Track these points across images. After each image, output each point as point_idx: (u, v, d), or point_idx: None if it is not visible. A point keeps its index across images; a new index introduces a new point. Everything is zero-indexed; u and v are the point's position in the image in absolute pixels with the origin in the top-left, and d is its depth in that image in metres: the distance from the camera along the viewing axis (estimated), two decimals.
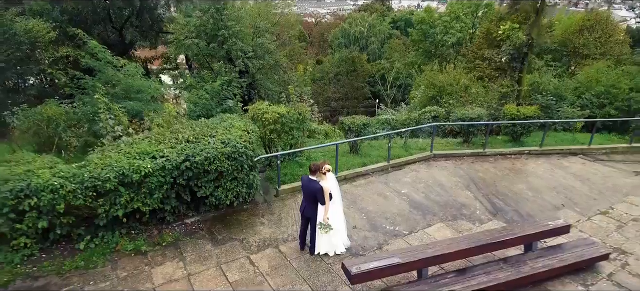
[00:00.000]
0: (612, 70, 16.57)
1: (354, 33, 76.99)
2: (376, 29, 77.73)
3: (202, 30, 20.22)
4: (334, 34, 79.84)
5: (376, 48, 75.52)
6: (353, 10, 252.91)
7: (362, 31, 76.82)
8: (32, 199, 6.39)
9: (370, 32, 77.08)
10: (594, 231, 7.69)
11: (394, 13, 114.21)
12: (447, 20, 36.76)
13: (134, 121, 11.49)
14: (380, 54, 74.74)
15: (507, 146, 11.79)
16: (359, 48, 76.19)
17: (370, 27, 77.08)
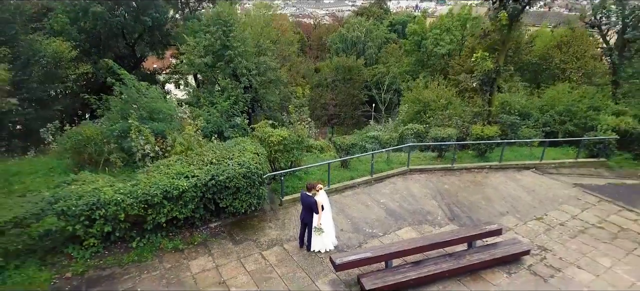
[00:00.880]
0: (573, 91, 18.89)
1: (351, 38, 79.08)
2: (373, 34, 79.81)
3: (210, 50, 22.48)
4: (332, 38, 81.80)
5: (373, 53, 77.62)
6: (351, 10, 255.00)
7: (360, 36, 78.87)
8: (101, 210, 8.68)
9: (367, 37, 79.13)
10: (526, 233, 10.01)
11: (391, 16, 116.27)
12: (438, 32, 39.04)
13: (158, 139, 13.75)
14: (377, 59, 76.97)
15: (473, 161, 14.11)
16: (357, 53, 78.33)
17: (367, 32, 79.14)
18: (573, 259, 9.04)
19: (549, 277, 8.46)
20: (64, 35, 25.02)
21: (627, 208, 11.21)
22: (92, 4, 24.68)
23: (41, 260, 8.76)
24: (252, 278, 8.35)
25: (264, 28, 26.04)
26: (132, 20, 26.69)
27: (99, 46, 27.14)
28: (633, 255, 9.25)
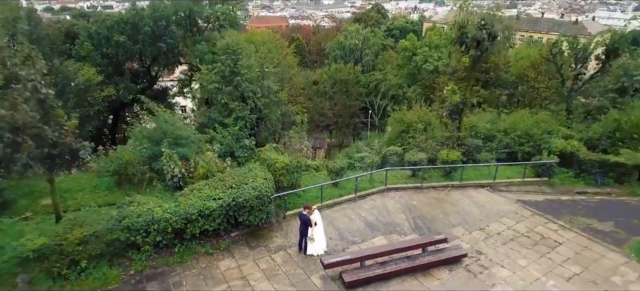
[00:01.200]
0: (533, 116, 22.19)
1: (349, 45, 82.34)
2: (370, 41, 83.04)
3: (221, 76, 25.73)
4: (331, 46, 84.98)
5: (370, 60, 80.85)
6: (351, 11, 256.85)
7: (357, 44, 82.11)
8: (154, 225, 11.99)
9: (364, 44, 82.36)
10: (469, 241, 13.33)
11: (388, 22, 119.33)
12: (426, 50, 42.32)
13: (183, 162, 17.03)
14: (374, 65, 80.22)
15: (440, 180, 17.42)
16: (354, 60, 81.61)
17: (364, 40, 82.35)
18: (499, 260, 12.36)
19: (478, 273, 11.78)
20: (89, 59, 28.40)
21: (552, 221, 14.53)
22: (116, 33, 27.97)
23: (110, 262, 12.08)
24: (265, 274, 11.68)
25: (268, 54, 29.30)
26: (149, 45, 29.99)
27: (119, 69, 30.49)
28: (545, 257, 12.57)
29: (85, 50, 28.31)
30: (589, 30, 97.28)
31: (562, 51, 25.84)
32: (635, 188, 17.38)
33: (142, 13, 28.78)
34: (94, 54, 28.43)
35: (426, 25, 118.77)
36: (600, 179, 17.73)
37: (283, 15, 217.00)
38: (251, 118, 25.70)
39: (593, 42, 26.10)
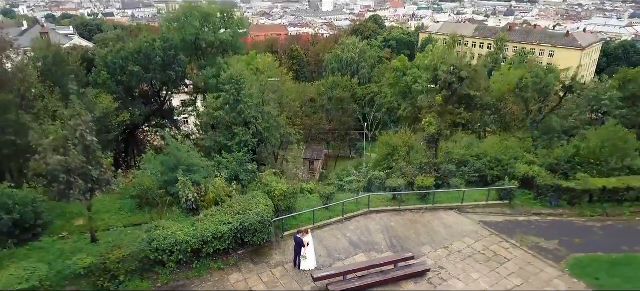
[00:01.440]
0: (502, 142, 25.16)
1: (346, 58, 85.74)
2: (366, 55, 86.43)
3: (225, 104, 28.71)
4: (329, 59, 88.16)
5: (366, 72, 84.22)
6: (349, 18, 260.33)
7: (354, 57, 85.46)
8: (178, 246, 14.91)
9: (361, 57, 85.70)
10: (434, 258, 16.25)
11: (385, 33, 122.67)
12: (416, 71, 45.39)
13: (196, 188, 19.94)
14: (370, 78, 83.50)
15: (416, 203, 20.36)
16: (351, 72, 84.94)
17: (361, 53, 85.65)
18: (457, 274, 15.29)
19: (438, 285, 14.71)
20: (105, 87, 31.40)
21: (506, 240, 17.48)
22: (130, 64, 30.98)
23: (141, 276, 14.99)
24: (266, 286, 14.61)
25: (268, 80, 32.34)
26: (160, 73, 33.00)
27: (132, 94, 33.51)
28: (495, 271, 15.50)
29: (102, 78, 31.31)
30: (580, 42, 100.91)
31: (526, 86, 28.82)
32: (584, 210, 20.33)
33: (154, 44, 31.77)
34: (109, 82, 31.42)
35: (422, 36, 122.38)
36: (555, 202, 20.67)
37: (282, 24, 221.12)
38: (253, 141, 28.71)
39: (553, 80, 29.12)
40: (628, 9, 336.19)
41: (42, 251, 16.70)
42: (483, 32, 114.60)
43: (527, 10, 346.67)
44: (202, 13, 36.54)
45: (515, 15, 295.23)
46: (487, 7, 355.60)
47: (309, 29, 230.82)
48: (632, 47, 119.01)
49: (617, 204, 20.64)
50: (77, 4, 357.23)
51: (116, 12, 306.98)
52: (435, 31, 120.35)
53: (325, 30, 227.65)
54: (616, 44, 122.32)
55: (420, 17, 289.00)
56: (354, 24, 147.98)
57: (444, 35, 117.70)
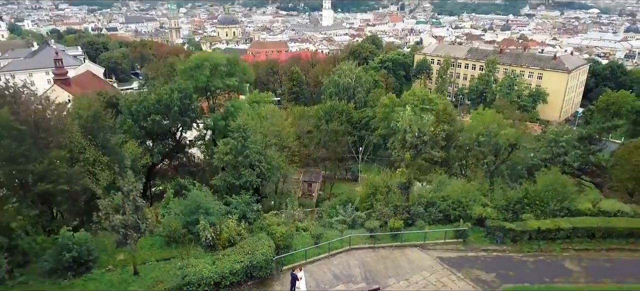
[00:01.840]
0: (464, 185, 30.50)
1: (343, 84, 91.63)
2: (362, 79, 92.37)
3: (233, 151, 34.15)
4: (326, 84, 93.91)
5: (362, 97, 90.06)
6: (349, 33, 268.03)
7: (350, 82, 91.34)
8: (203, 280, 20.23)
9: (357, 82, 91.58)
10: (397, 288, 21.52)
11: (382, 54, 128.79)
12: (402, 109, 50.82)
13: (212, 228, 25.27)
14: (366, 102, 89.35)
15: (389, 241, 25.63)
16: (348, 97, 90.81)
17: (357, 79, 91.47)
18: None
19: None
20: (129, 132, 36.94)
21: (454, 273, 22.75)
22: (152, 113, 36.50)
23: None
24: None
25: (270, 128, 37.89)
26: (177, 119, 38.55)
27: (152, 137, 39.05)
28: None
29: (128, 125, 36.87)
30: (566, 66, 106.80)
31: (482, 142, 34.25)
32: (523, 247, 25.62)
33: (172, 95, 37.34)
34: (133, 128, 36.97)
35: (417, 57, 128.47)
36: (500, 239, 25.97)
37: (282, 40, 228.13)
38: (257, 180, 34.18)
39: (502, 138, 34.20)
40: (624, 22, 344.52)
41: (95, 282, 22.11)
42: (475, 54, 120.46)
43: (524, 23, 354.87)
44: (212, 63, 42.27)
45: (512, 30, 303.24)
46: (485, 20, 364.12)
47: (309, 44, 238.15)
48: (619, 68, 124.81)
49: (551, 242, 25.93)
50: (80, 18, 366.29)
51: (119, 26, 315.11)
52: (430, 52, 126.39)
53: (325, 45, 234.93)
54: (604, 64, 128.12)
55: (419, 32, 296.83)
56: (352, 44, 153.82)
57: (438, 56, 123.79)
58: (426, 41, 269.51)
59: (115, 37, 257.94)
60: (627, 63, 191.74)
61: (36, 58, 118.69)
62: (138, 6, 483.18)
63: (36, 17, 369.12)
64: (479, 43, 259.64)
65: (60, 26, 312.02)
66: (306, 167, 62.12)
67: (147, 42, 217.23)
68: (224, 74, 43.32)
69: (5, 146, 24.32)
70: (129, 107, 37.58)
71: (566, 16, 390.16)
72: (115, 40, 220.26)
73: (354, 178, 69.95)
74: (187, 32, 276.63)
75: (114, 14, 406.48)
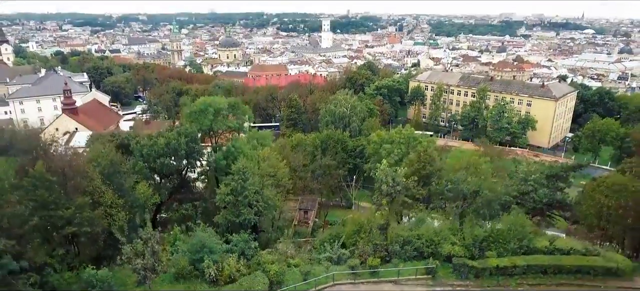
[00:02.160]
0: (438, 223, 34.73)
1: (338, 113, 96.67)
2: (357, 109, 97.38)
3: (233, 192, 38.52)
4: (323, 113, 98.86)
5: (357, 126, 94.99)
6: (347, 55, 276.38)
7: (345, 112, 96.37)
8: None
9: (352, 112, 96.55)
10: None
11: (377, 80, 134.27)
12: (389, 146, 55.49)
13: (215, 265, 29.46)
14: (360, 130, 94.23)
15: (367, 278, 29.76)
16: (343, 125, 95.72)
17: (352, 108, 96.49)
18: None
19: None
20: (141, 173, 41.41)
21: None
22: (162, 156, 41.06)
23: None
24: None
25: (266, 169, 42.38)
26: (183, 160, 43.11)
27: (162, 177, 43.53)
28: None
29: (139, 167, 41.38)
30: (554, 94, 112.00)
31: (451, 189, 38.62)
32: (484, 282, 29.73)
33: (180, 140, 41.95)
34: (145, 171, 41.47)
35: (412, 84, 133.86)
36: (464, 275, 30.11)
37: (282, 63, 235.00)
38: (255, 218, 38.52)
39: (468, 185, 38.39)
40: (618, 43, 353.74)
41: None
42: (467, 81, 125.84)
43: (520, 44, 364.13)
44: (215, 107, 47.07)
45: (508, 51, 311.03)
46: (482, 41, 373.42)
47: (308, 66, 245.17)
48: (607, 94, 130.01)
49: (509, 277, 30.06)
50: (84, 40, 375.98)
51: (122, 48, 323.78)
52: (424, 80, 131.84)
53: (323, 67, 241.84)
54: (592, 91, 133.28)
55: (416, 53, 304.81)
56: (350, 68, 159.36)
57: (431, 83, 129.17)
58: (423, 63, 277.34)
59: (118, 59, 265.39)
60: (619, 85, 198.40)
61: (43, 85, 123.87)
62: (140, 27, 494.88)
63: (40, 38, 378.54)
64: (475, 64, 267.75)
65: (64, 48, 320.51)
66: (303, 194, 66.34)
67: (150, 65, 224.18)
68: (226, 117, 48.09)
69: (39, 195, 28.81)
70: (141, 150, 42.16)
71: (562, 37, 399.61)
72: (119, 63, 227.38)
73: (348, 205, 74.17)
74: (189, 53, 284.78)
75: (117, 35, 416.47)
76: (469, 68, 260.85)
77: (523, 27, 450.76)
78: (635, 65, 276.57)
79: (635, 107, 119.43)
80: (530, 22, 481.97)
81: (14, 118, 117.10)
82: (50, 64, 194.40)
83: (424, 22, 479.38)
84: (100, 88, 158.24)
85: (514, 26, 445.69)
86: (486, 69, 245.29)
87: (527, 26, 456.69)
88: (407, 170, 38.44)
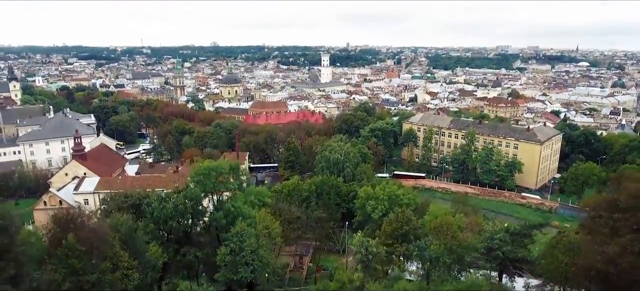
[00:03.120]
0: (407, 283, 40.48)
1: (333, 159, 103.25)
2: (350, 155, 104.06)
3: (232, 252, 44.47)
4: (318, 159, 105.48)
5: (350, 170, 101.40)
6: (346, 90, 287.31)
7: (339, 158, 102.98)
8: None
9: (345, 158, 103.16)
10: None
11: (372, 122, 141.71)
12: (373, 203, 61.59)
13: None
14: (354, 175, 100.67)
15: None
16: (337, 171, 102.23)
17: (345, 154, 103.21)
18: None
19: None
20: (152, 234, 47.55)
21: None
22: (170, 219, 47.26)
23: None
24: None
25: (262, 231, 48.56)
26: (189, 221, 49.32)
27: (169, 236, 49.65)
28: None
29: (150, 228, 47.53)
30: (538, 137, 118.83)
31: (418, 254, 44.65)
32: None
33: (186, 204, 48.25)
34: (154, 231, 47.61)
35: (405, 126, 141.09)
36: None
37: (282, 100, 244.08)
38: (251, 275, 44.39)
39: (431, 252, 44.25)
40: (612, 76, 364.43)
41: None
42: (457, 124, 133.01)
43: (515, 77, 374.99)
44: (217, 171, 53.64)
45: (503, 85, 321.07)
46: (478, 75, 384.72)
47: (307, 102, 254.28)
48: (593, 135, 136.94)
49: None
50: (88, 74, 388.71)
51: (126, 82, 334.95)
52: (416, 122, 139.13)
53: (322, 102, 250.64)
54: (578, 132, 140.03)
55: (414, 88, 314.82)
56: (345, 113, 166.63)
57: (423, 125, 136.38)
58: (420, 98, 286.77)
59: (122, 95, 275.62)
60: (611, 121, 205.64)
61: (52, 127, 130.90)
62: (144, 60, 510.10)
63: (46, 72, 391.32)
64: (471, 99, 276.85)
65: (70, 82, 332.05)
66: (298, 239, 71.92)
67: (153, 101, 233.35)
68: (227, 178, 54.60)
69: (70, 264, 34.96)
70: (152, 212, 48.37)
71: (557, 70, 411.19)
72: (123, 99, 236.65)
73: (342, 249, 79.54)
74: (191, 88, 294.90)
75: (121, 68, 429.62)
76: (464, 103, 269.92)
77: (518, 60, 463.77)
78: (627, 99, 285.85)
79: (620, 147, 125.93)
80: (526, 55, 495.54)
81: (23, 159, 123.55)
82: (56, 101, 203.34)
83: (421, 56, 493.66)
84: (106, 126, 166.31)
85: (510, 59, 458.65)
86: (482, 104, 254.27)
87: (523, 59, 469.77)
88: (387, 227, 44.58)
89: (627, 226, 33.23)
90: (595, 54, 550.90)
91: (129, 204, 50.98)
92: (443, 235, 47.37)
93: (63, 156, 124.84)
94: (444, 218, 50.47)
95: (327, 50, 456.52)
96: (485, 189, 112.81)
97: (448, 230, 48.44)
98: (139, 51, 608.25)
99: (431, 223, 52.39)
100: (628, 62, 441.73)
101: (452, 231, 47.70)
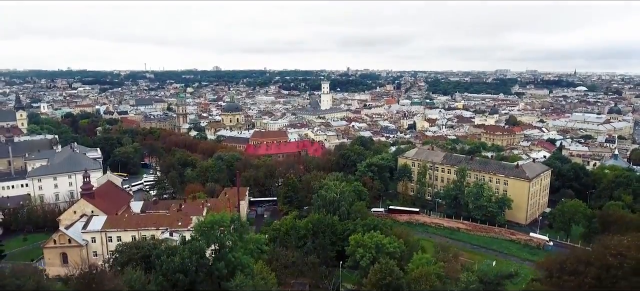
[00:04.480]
0: None
1: (328, 198, 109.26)
2: (345, 193, 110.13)
3: None
4: (314, 198, 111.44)
5: (345, 209, 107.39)
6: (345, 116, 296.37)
7: (335, 196, 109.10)
8: None
9: (341, 196, 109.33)
10: None
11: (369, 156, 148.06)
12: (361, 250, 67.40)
13: None
14: (348, 213, 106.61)
15: None
16: (333, 209, 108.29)
17: (341, 193, 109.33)
18: None
19: None
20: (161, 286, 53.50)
21: None
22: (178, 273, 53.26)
23: None
24: None
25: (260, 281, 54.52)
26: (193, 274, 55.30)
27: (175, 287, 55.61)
28: None
29: (159, 282, 53.52)
30: (527, 174, 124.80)
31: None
32: None
33: (192, 258, 54.30)
34: (164, 283, 53.59)
35: (401, 161, 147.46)
36: None
37: (282, 129, 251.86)
38: None
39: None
40: (609, 101, 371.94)
41: None
42: (449, 160, 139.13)
43: (513, 103, 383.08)
44: (220, 223, 59.89)
45: (500, 112, 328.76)
46: (476, 100, 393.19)
47: (307, 129, 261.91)
48: (582, 170, 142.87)
49: None
50: (92, 100, 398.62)
51: (130, 109, 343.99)
52: (411, 156, 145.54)
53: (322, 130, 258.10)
54: (567, 166, 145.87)
55: (413, 114, 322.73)
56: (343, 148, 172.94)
57: (418, 160, 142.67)
58: (419, 125, 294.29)
59: (126, 122, 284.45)
60: (605, 150, 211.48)
61: (60, 162, 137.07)
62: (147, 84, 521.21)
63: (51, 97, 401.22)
64: (468, 126, 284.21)
65: (74, 108, 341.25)
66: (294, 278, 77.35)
67: (156, 130, 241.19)
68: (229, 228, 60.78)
69: None
70: (161, 265, 54.44)
71: (554, 95, 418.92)
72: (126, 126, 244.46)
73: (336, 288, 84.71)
74: (193, 115, 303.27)
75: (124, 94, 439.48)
76: (462, 130, 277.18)
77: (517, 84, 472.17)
78: (623, 125, 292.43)
79: (608, 182, 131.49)
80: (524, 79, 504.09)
81: (31, 193, 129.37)
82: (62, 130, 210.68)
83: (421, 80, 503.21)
84: (110, 158, 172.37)
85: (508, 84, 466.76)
86: (479, 131, 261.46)
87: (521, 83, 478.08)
88: (372, 277, 50.34)
89: (572, 288, 39.17)
90: (593, 78, 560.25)
91: (139, 256, 57.08)
92: (423, 284, 53.42)
93: (70, 190, 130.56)
94: (424, 269, 56.44)
95: (328, 75, 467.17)
96: (476, 224, 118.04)
97: (427, 280, 54.46)
98: (142, 75, 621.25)
99: (412, 272, 58.25)
100: (625, 86, 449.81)
101: (430, 282, 53.72)
